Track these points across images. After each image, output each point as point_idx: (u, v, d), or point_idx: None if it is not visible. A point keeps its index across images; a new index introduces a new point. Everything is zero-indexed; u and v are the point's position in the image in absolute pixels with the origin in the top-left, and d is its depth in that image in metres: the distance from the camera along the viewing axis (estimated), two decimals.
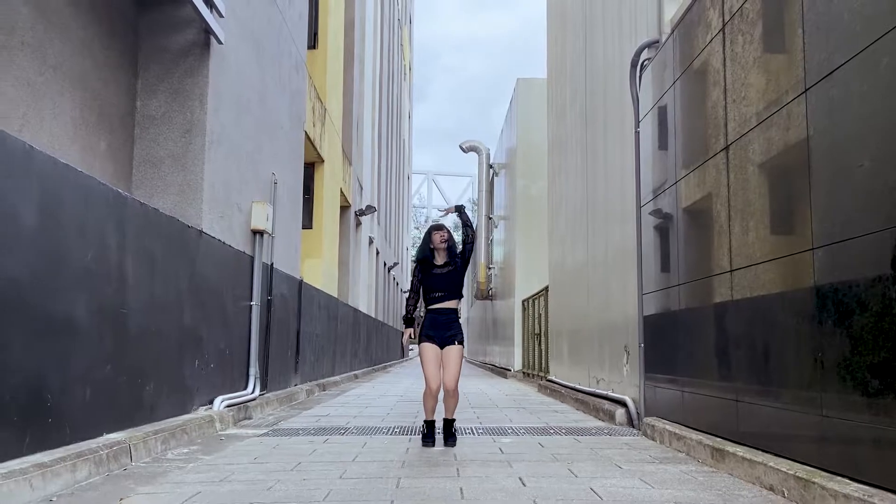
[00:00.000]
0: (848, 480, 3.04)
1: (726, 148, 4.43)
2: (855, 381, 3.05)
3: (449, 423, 5.31)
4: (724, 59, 4.47)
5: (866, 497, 2.74)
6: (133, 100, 6.48)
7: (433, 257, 5.31)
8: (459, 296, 5.38)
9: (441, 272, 5.29)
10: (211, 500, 3.35)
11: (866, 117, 3.02)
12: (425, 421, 5.29)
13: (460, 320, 5.48)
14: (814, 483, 3.13)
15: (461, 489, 3.58)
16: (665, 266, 5.67)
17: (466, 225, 5.39)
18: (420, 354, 5.27)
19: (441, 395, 5.25)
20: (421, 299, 5.40)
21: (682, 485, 3.70)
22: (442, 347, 5.25)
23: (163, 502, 3.32)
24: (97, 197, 4.42)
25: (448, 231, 5.40)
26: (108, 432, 4.52)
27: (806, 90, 3.49)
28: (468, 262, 5.36)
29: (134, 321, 4.94)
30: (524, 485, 3.70)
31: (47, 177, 3.86)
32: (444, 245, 5.31)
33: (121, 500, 3.39)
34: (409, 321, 5.52)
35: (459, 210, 5.49)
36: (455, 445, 5.15)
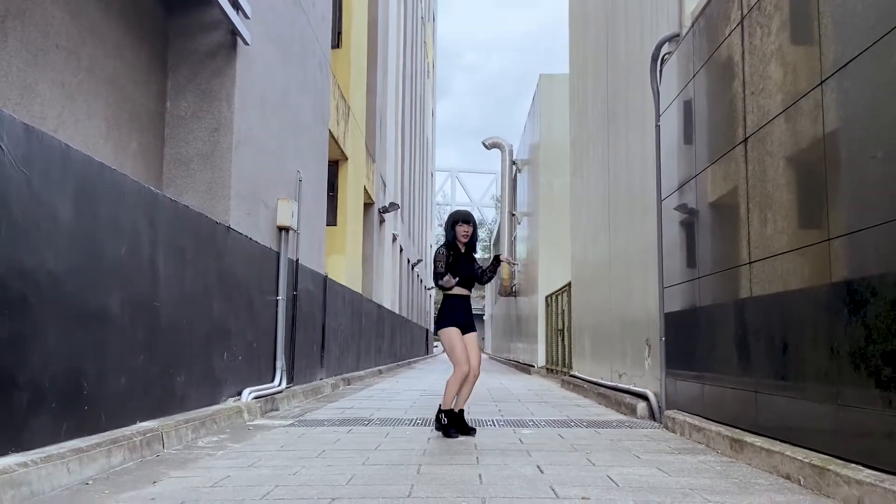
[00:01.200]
0: (861, 467, 3.08)
1: (745, 140, 4.46)
2: (869, 369, 3.09)
3: (462, 415, 5.38)
4: (743, 52, 4.50)
5: (878, 482, 2.78)
6: (163, 100, 6.66)
7: (456, 247, 5.44)
8: (473, 284, 5.53)
9: (463, 259, 5.42)
10: (239, 483, 3.48)
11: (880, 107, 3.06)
12: (448, 411, 5.33)
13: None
14: (828, 470, 3.17)
15: (480, 475, 3.67)
16: (686, 259, 5.71)
17: (487, 274, 5.55)
18: (447, 341, 5.33)
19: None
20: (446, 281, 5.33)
21: (698, 473, 3.76)
22: (463, 333, 5.35)
23: (193, 484, 3.46)
24: (130, 194, 4.59)
25: (473, 225, 5.49)
26: (141, 420, 4.68)
27: (822, 81, 3.52)
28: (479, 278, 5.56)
29: (165, 313, 5.11)
30: (542, 472, 3.78)
31: (83, 174, 4.03)
32: (465, 239, 5.44)
33: (154, 482, 3.54)
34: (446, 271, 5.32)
35: (496, 261, 5.67)
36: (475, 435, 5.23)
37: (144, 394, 4.80)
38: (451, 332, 5.33)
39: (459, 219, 5.49)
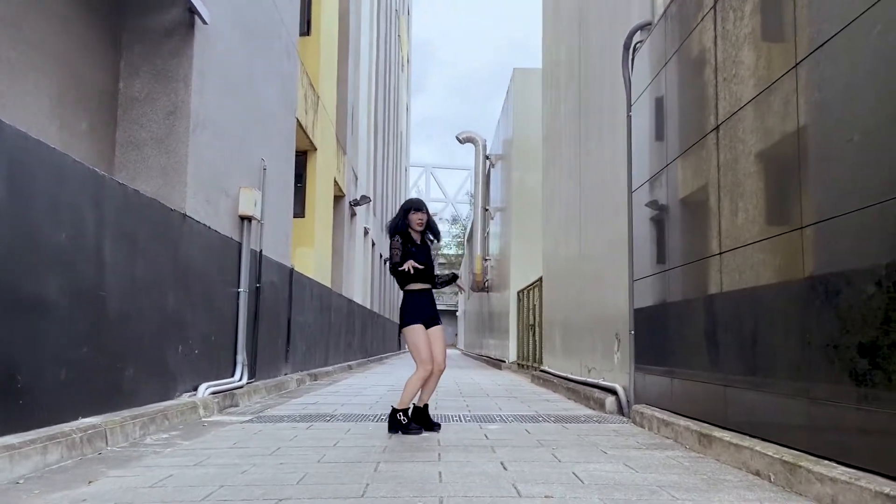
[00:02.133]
0: (834, 464, 2.95)
1: (716, 128, 4.32)
2: (842, 362, 2.96)
3: (427, 410, 5.21)
4: (716, 37, 4.37)
5: (853, 480, 2.65)
6: (116, 80, 6.36)
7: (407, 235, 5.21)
8: (434, 277, 5.28)
9: (417, 249, 5.20)
10: (180, 483, 3.26)
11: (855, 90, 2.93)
12: (414, 407, 5.11)
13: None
14: (800, 467, 3.04)
15: (440, 473, 3.49)
16: (656, 251, 5.58)
17: (441, 279, 5.39)
18: (412, 339, 5.09)
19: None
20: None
21: (666, 469, 3.62)
22: (428, 327, 5.16)
23: (131, 484, 3.23)
24: (72, 175, 4.32)
25: (426, 213, 5.27)
26: (83, 416, 4.42)
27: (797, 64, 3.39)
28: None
29: (113, 303, 4.84)
30: (505, 469, 3.61)
31: (17, 151, 3.75)
32: (419, 228, 5.21)
33: (89, 482, 3.30)
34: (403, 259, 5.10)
35: (453, 277, 5.48)
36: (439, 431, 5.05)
37: (88, 388, 4.53)
38: (415, 330, 5.11)
39: (412, 206, 5.26)
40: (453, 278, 5.48)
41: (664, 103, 5.38)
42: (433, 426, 5.12)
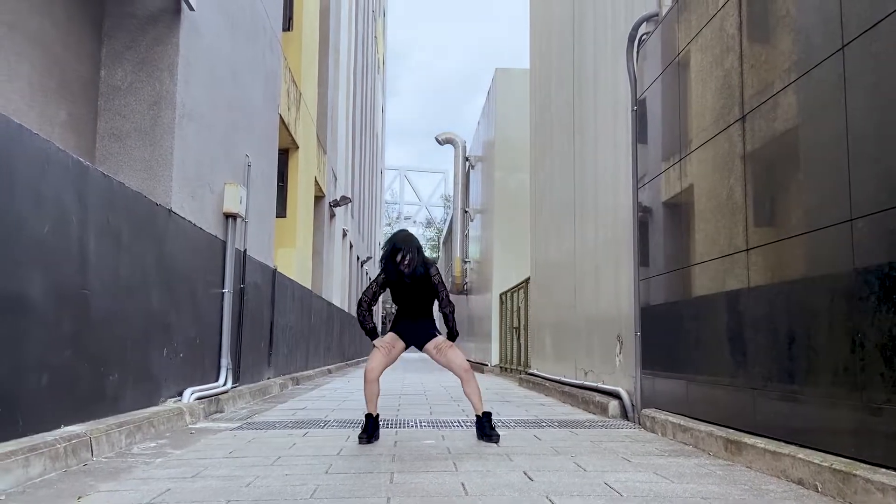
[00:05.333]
0: (894, 471, 2.76)
1: (742, 118, 4.14)
2: None
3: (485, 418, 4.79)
4: (741, 23, 4.18)
5: None
6: (97, 68, 6.00)
7: (398, 275, 4.78)
8: (422, 305, 4.91)
9: (408, 284, 4.82)
10: (182, 498, 2.96)
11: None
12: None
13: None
14: (855, 476, 2.84)
15: (463, 484, 3.23)
16: (669, 249, 5.39)
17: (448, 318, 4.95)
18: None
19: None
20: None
21: (701, 479, 3.40)
22: (415, 345, 4.93)
23: (126, 500, 2.92)
24: (55, 164, 3.98)
25: (412, 253, 4.72)
26: (66, 424, 4.08)
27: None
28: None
29: (96, 304, 4.50)
30: (531, 479, 3.37)
31: None
32: (408, 271, 4.74)
33: (78, 498, 2.99)
34: (372, 333, 4.88)
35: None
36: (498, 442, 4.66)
37: (71, 394, 4.19)
38: (379, 342, 4.83)
39: (397, 248, 4.72)
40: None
41: (679, 94, 5.20)
42: (485, 436, 4.71)
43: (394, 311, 5.08)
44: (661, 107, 5.61)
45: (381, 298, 4.97)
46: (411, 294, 4.87)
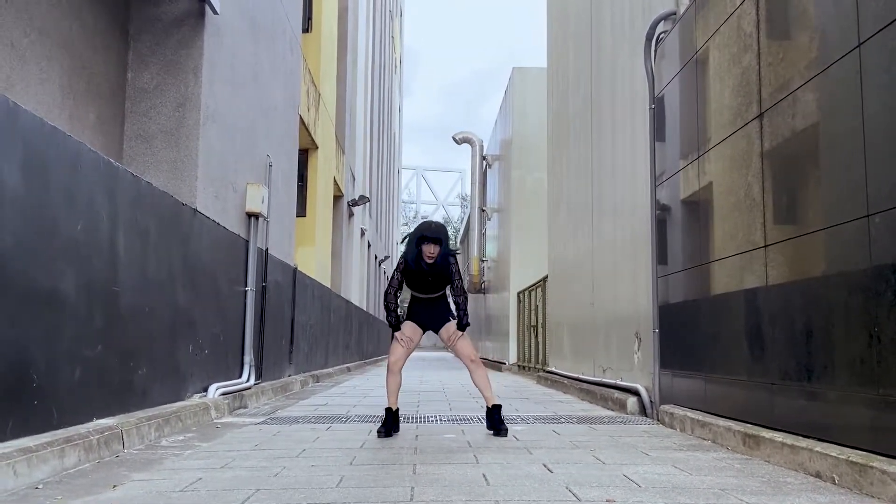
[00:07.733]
0: None
1: (760, 115, 4.18)
2: None
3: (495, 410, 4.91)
4: (758, 21, 4.22)
5: None
6: (124, 71, 6.15)
7: (418, 265, 4.85)
8: (436, 286, 4.99)
9: (429, 268, 4.87)
10: (213, 486, 3.06)
11: None
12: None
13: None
14: (871, 468, 2.88)
15: (484, 475, 3.31)
16: (687, 247, 5.43)
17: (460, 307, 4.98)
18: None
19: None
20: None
21: (719, 472, 3.45)
22: (430, 328, 5.03)
23: (160, 488, 3.03)
24: (87, 165, 4.11)
25: (440, 244, 4.76)
26: (98, 417, 4.21)
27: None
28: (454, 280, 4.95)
29: (126, 299, 4.63)
30: (551, 471, 3.43)
31: (34, 138, 3.55)
32: (430, 262, 4.81)
33: (114, 487, 3.10)
34: (395, 325, 5.00)
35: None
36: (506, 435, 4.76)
37: (102, 388, 4.32)
38: (400, 331, 4.96)
39: (425, 236, 4.75)
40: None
41: (697, 92, 5.23)
42: (493, 427, 4.84)
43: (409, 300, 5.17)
44: (678, 105, 5.65)
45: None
46: (429, 280, 4.96)
